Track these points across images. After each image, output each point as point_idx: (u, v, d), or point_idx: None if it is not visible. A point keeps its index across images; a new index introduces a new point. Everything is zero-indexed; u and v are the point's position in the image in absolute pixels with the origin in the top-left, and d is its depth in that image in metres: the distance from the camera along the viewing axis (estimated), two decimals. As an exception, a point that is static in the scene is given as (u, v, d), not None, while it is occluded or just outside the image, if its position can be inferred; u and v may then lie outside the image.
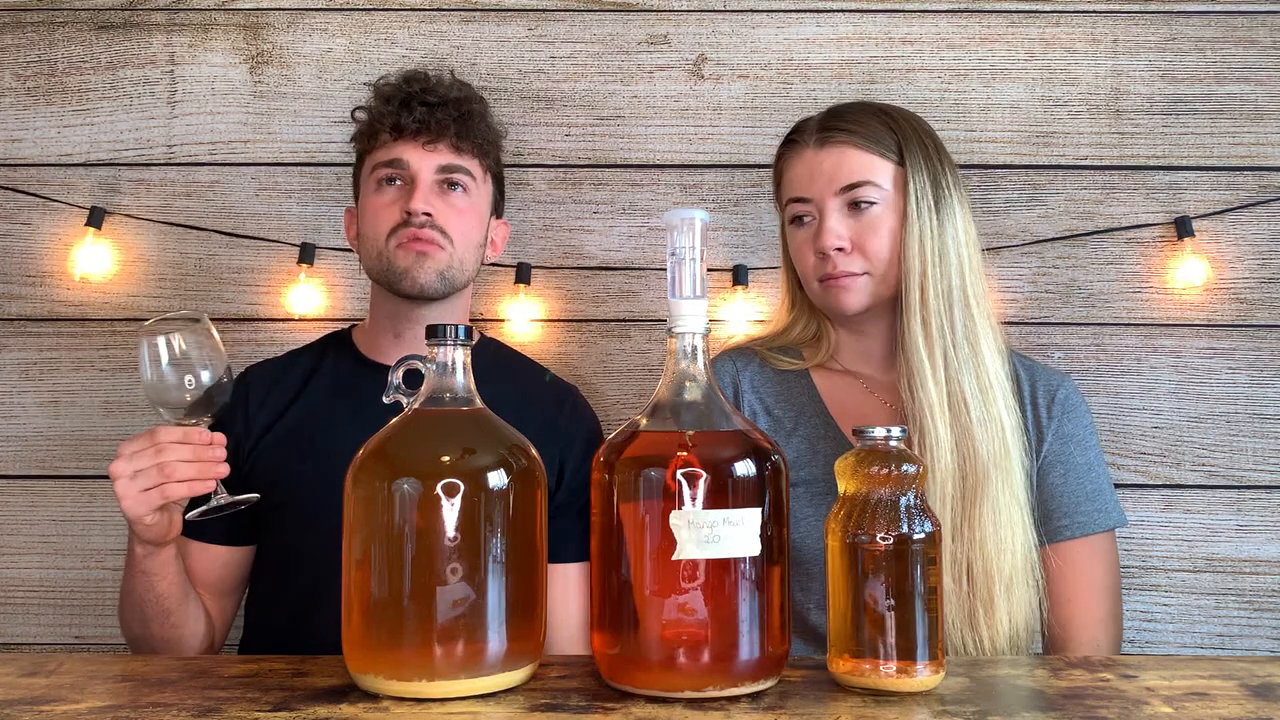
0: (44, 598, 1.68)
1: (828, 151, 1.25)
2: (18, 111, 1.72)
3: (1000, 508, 1.16)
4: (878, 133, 1.24)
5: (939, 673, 0.85)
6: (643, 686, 0.83)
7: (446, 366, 0.90)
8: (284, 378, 1.41)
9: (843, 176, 1.23)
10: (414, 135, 1.33)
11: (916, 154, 1.24)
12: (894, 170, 1.24)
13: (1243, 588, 1.64)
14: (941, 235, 1.22)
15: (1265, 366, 1.65)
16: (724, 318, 1.66)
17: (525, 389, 1.41)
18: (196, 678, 0.89)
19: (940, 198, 1.23)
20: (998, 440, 1.18)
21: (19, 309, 1.71)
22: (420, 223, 1.31)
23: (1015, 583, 1.16)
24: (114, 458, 1.08)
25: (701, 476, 0.82)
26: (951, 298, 1.21)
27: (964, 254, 1.23)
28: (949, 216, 1.23)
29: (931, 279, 1.20)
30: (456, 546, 0.83)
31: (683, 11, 1.72)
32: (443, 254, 1.33)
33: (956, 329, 1.20)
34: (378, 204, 1.34)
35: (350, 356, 1.42)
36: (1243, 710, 0.80)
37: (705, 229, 0.90)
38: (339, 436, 1.34)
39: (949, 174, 1.25)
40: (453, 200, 1.35)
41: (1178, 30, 1.70)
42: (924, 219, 1.22)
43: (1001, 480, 1.17)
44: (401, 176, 1.34)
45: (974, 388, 1.19)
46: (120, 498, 1.08)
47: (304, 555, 1.29)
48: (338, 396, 1.38)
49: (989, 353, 1.21)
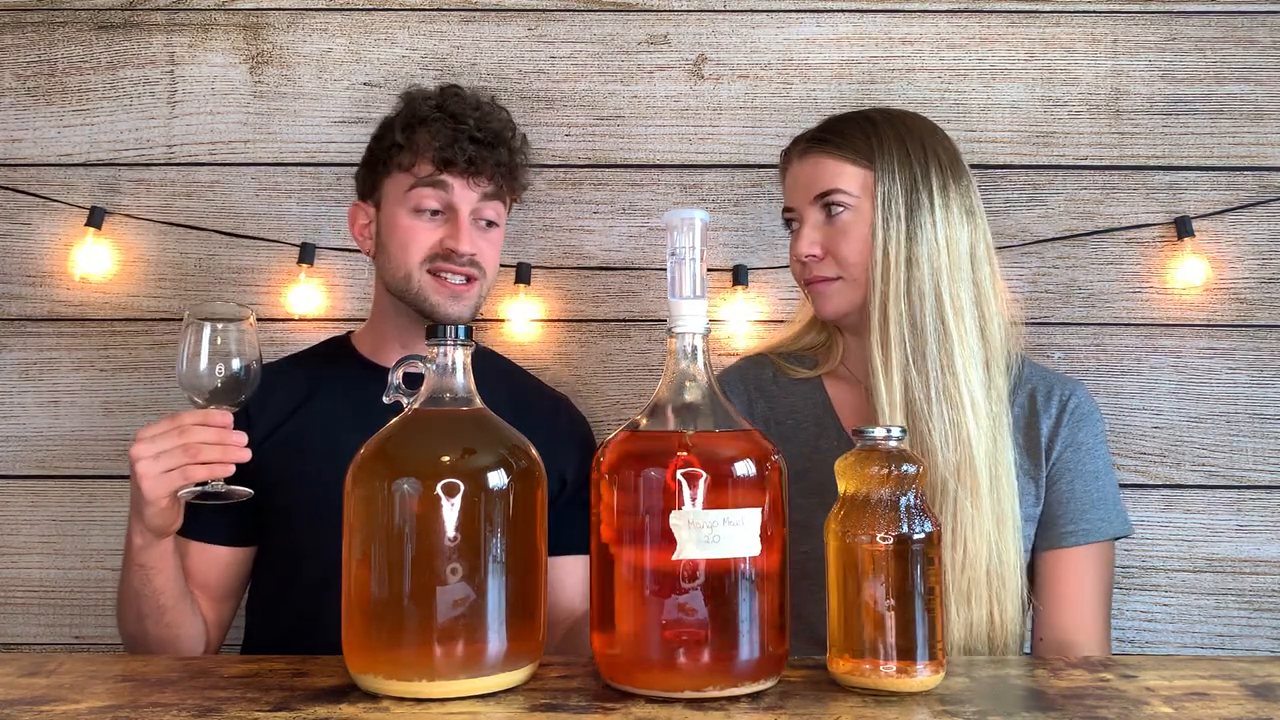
0: (44, 598, 1.68)
1: (806, 162, 1.27)
2: (18, 111, 1.72)
3: (963, 520, 1.16)
4: (853, 140, 1.25)
5: (939, 673, 0.85)
6: (643, 686, 0.83)
7: (446, 367, 0.90)
8: (284, 381, 1.40)
9: (817, 185, 1.25)
10: (460, 172, 1.34)
11: (890, 159, 1.23)
12: (864, 176, 1.24)
13: (1243, 588, 1.64)
14: (910, 242, 1.20)
15: (1265, 366, 1.65)
16: (724, 318, 1.66)
17: (523, 399, 1.42)
18: (196, 678, 0.89)
19: (916, 204, 1.22)
20: (962, 451, 1.17)
21: (19, 309, 1.71)
22: (464, 262, 1.33)
23: (974, 595, 1.15)
24: (133, 443, 1.08)
25: (701, 476, 0.82)
26: (917, 307, 1.19)
27: (941, 261, 1.20)
28: (923, 223, 1.21)
29: (893, 286, 1.20)
30: (456, 546, 0.83)
31: (683, 11, 1.72)
32: (475, 287, 1.36)
33: (925, 337, 1.19)
34: (413, 230, 1.34)
35: (355, 362, 1.43)
36: (1243, 710, 0.80)
37: (705, 229, 0.90)
38: (347, 441, 1.34)
39: (935, 178, 1.23)
40: (489, 235, 1.38)
41: (1178, 30, 1.70)
42: (890, 226, 1.21)
43: (963, 492, 1.16)
44: (442, 208, 1.34)
45: (938, 399, 1.18)
46: (141, 478, 1.08)
47: (310, 558, 1.29)
48: (342, 400, 1.38)
49: (965, 364, 1.19)
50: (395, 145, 1.36)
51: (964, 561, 1.16)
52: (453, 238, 1.33)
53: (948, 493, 1.17)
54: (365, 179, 1.42)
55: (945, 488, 1.17)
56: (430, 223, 1.34)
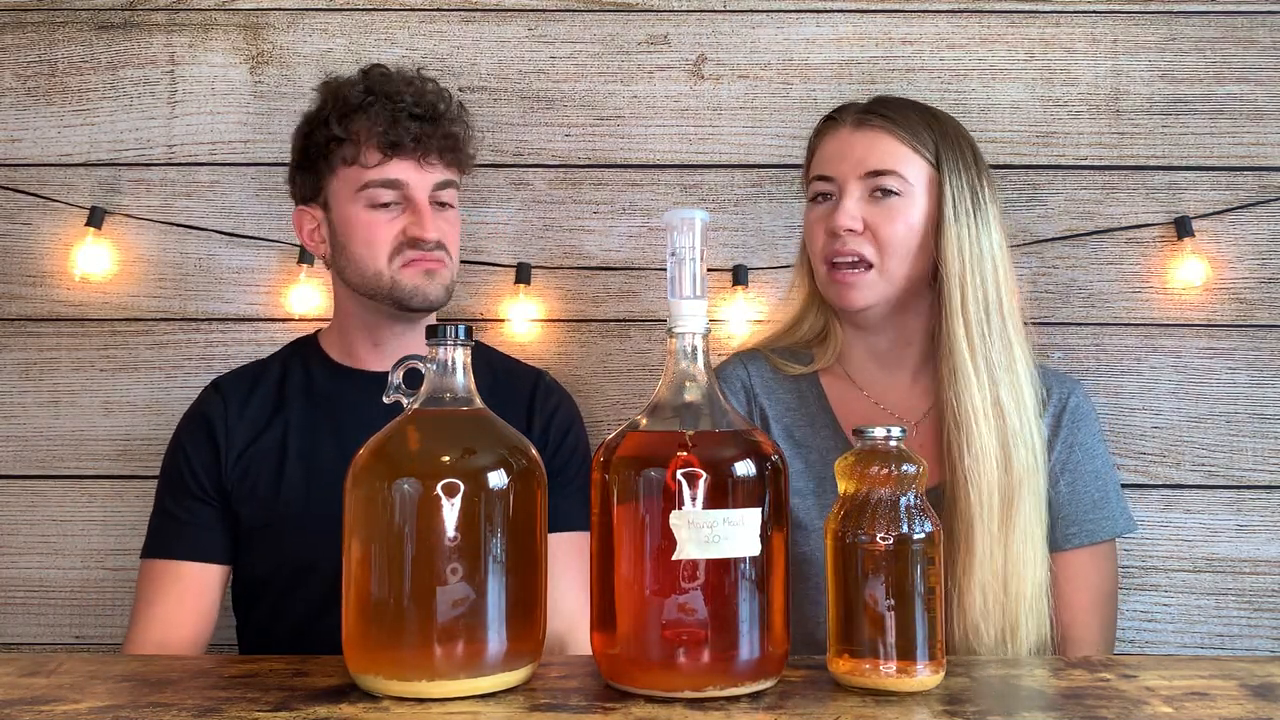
0: (44, 598, 1.68)
1: (862, 134, 1.24)
2: (18, 111, 1.72)
3: (1030, 523, 1.16)
4: (916, 128, 1.23)
5: (939, 673, 0.85)
6: (643, 686, 0.83)
7: (446, 366, 0.90)
8: (258, 389, 1.39)
9: (872, 161, 1.22)
10: (409, 154, 1.30)
11: (954, 157, 1.23)
12: (926, 168, 1.22)
13: (1243, 588, 1.64)
14: (979, 241, 1.21)
15: (1265, 366, 1.65)
16: (724, 318, 1.66)
17: (507, 380, 1.41)
18: (196, 678, 0.89)
19: (978, 204, 1.22)
20: (1031, 453, 1.17)
21: (19, 309, 1.71)
22: (431, 248, 1.31)
23: (1035, 599, 1.16)
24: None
25: (701, 476, 0.82)
26: (989, 305, 1.19)
27: (999, 263, 1.22)
28: (985, 223, 1.22)
29: (971, 284, 1.19)
30: (456, 546, 0.83)
31: (683, 11, 1.72)
32: (446, 270, 1.33)
33: (994, 337, 1.19)
34: (373, 225, 1.30)
35: (323, 365, 1.40)
36: (1243, 710, 0.80)
37: (705, 229, 0.90)
38: (323, 447, 1.33)
39: (985, 183, 1.24)
40: (447, 216, 1.35)
41: (1178, 30, 1.70)
42: (963, 222, 1.20)
43: (1031, 495, 1.16)
44: (398, 198, 1.31)
45: (1010, 398, 1.17)
46: None
47: (304, 569, 1.28)
48: (317, 407, 1.36)
49: (1021, 364, 1.20)
50: (333, 139, 1.31)
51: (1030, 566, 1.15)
52: (416, 225, 1.30)
53: (1022, 495, 1.15)
54: (304, 182, 1.37)
55: (1021, 490, 1.15)
56: (389, 213, 1.31)
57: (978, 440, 1.16)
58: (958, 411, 1.17)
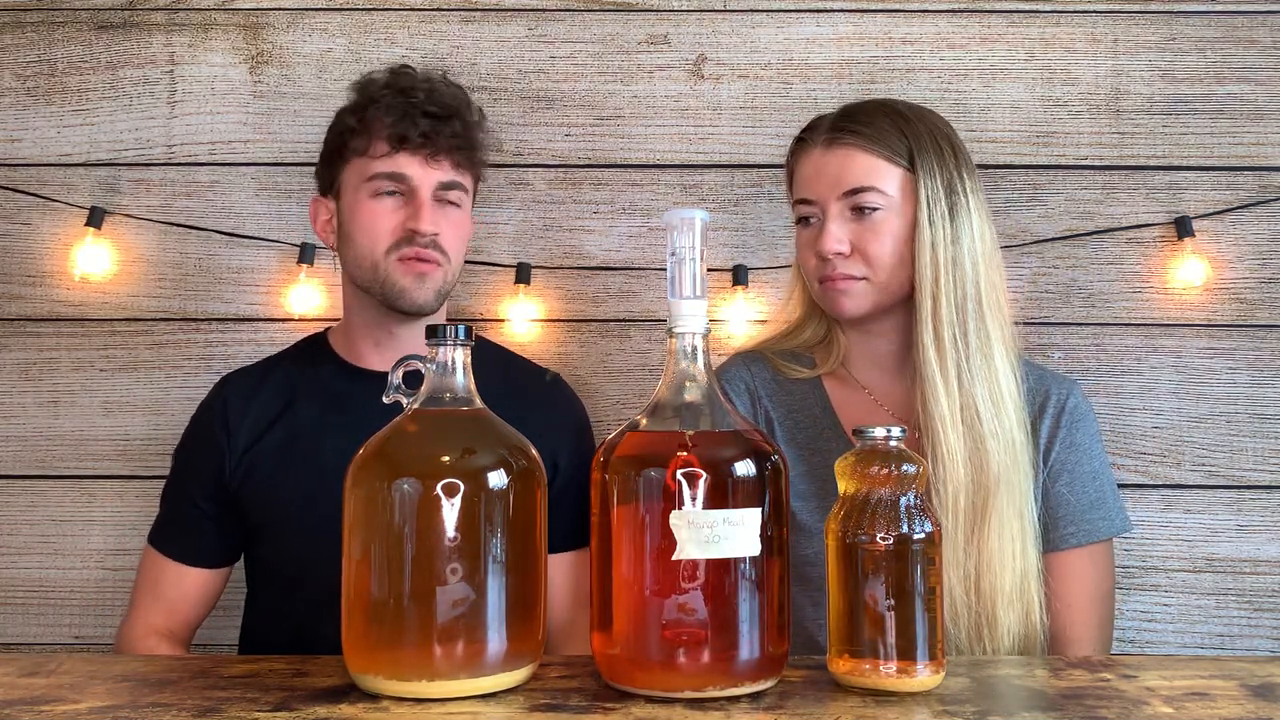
0: (44, 598, 1.68)
1: (834, 153, 1.23)
2: (18, 111, 1.72)
3: (1005, 521, 1.15)
4: (888, 136, 1.22)
5: (939, 673, 0.85)
6: (643, 686, 0.83)
7: (446, 366, 0.90)
8: (264, 387, 1.39)
9: (847, 180, 1.21)
10: (416, 149, 1.31)
11: (930, 159, 1.21)
12: (902, 175, 1.21)
13: (1243, 588, 1.64)
14: (956, 243, 1.19)
15: (1265, 366, 1.65)
16: (724, 318, 1.66)
17: (522, 385, 1.41)
18: (196, 678, 0.89)
19: (955, 204, 1.20)
20: (1008, 453, 1.17)
21: (19, 309, 1.71)
22: (426, 243, 1.30)
23: (1015, 597, 1.16)
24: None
25: (701, 476, 0.82)
26: (965, 308, 1.18)
27: (980, 261, 1.20)
28: (964, 223, 1.20)
29: (944, 288, 1.18)
30: (456, 546, 0.83)
31: (683, 11, 1.72)
32: (440, 272, 1.32)
33: (970, 339, 1.18)
34: (375, 214, 1.31)
35: (332, 363, 1.41)
36: (1243, 710, 0.80)
37: (705, 229, 0.90)
38: (331, 446, 1.33)
39: (966, 178, 1.23)
40: (450, 215, 1.34)
41: (1178, 30, 1.70)
42: (937, 226, 1.19)
43: (1008, 494, 1.16)
44: (401, 190, 1.31)
45: (986, 400, 1.17)
46: None
47: (307, 569, 1.27)
48: (326, 406, 1.36)
49: (1002, 364, 1.19)
50: (349, 130, 1.33)
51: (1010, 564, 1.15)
52: (413, 218, 1.30)
53: (998, 495, 1.15)
54: (324, 174, 1.39)
55: (997, 490, 1.15)
56: (391, 204, 1.31)
57: (943, 445, 1.16)
58: (923, 419, 1.18)
